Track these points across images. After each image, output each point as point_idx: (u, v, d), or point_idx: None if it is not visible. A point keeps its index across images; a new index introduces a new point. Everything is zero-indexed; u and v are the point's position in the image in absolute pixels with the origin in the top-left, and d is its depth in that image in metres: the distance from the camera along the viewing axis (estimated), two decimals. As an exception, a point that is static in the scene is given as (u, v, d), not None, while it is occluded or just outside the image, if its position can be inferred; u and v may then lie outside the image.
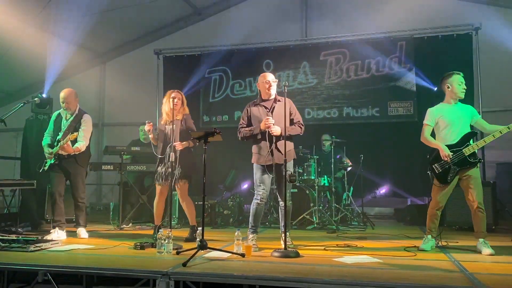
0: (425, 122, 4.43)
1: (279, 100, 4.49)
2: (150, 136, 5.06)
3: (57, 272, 3.38)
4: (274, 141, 4.34)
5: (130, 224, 6.45)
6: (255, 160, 4.49)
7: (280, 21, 9.10)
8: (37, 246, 4.12)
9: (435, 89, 7.17)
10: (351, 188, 7.04)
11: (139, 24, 9.53)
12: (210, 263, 3.58)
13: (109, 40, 9.88)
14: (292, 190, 6.48)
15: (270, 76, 4.57)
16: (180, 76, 8.86)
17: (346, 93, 8.04)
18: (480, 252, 4.02)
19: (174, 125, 4.83)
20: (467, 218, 4.42)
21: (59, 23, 8.22)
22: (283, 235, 4.07)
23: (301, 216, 6.34)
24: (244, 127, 4.56)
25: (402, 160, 7.75)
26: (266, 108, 4.51)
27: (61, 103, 5.21)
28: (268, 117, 4.33)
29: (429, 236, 4.29)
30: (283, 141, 4.20)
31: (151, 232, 5.44)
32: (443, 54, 7.60)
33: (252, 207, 4.47)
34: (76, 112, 5.26)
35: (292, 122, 4.49)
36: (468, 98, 7.18)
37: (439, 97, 7.33)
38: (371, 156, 7.23)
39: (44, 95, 6.34)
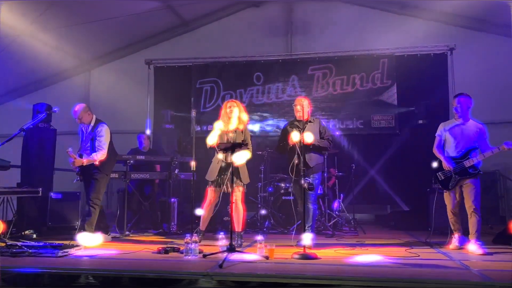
0: (436, 134, 5.01)
1: (311, 121, 5.12)
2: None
3: (100, 275, 3.58)
4: (303, 154, 4.76)
5: (131, 231, 6.56)
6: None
7: (266, 35, 9.44)
8: (64, 252, 4.27)
9: (413, 108, 7.95)
10: (341, 195, 7.47)
11: (126, 33, 9.55)
12: (241, 264, 3.86)
13: (95, 48, 9.89)
14: (289, 197, 6.84)
15: (298, 101, 5.15)
16: (171, 86, 9.09)
17: (332, 105, 8.52)
18: (473, 252, 4.49)
19: (234, 134, 5.15)
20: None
21: (49, 31, 8.27)
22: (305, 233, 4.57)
23: (299, 221, 6.67)
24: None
25: (384, 169, 8.28)
26: (298, 127, 5.05)
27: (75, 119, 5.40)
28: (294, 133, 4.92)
29: (456, 235, 4.88)
30: (311, 154, 4.96)
31: (155, 238, 5.81)
32: (421, 71, 8.27)
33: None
34: (92, 124, 5.41)
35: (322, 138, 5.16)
36: (444, 112, 7.91)
37: (418, 112, 7.98)
38: (355, 165, 7.72)
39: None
